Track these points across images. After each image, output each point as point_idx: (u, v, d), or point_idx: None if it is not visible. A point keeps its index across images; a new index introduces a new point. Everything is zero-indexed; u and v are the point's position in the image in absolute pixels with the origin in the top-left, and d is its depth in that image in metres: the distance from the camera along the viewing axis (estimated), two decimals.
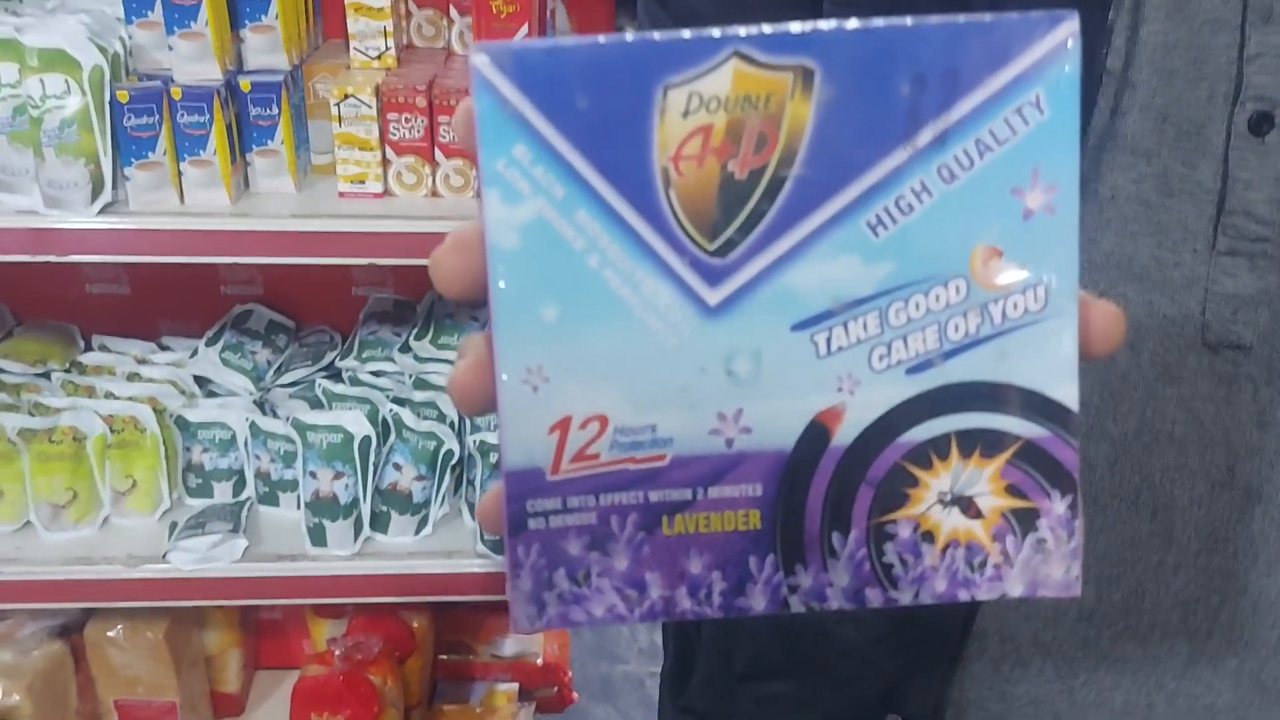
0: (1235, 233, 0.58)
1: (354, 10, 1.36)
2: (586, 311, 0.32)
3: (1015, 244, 0.32)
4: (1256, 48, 0.55)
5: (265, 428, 1.50)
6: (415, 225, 1.32)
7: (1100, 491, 0.62)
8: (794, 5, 0.62)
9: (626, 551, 0.33)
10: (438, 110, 1.32)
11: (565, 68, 0.31)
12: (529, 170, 0.31)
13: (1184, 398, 0.60)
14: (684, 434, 0.33)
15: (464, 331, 1.59)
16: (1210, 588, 0.64)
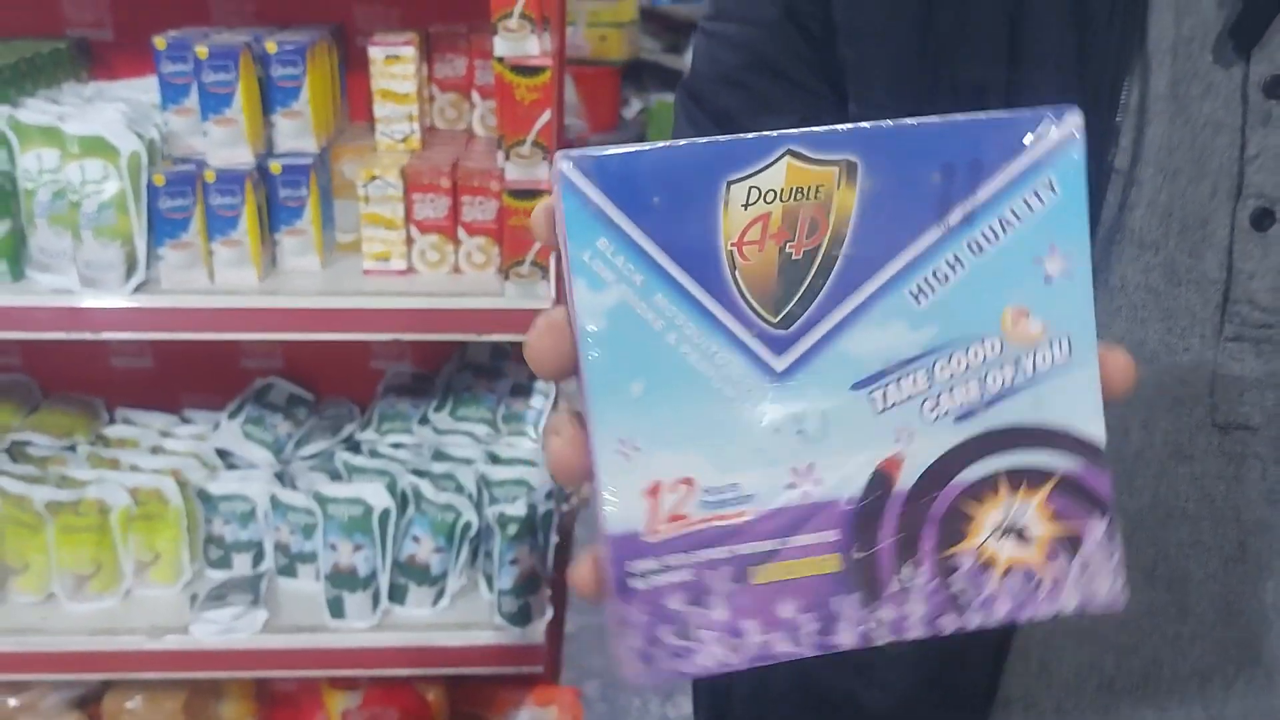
0: (1240, 320, 0.61)
1: (381, 96, 1.42)
2: (669, 384, 0.36)
3: (1040, 305, 0.37)
4: (1256, 149, 0.59)
5: (285, 500, 1.52)
6: (438, 301, 1.36)
7: None
8: (818, 105, 0.67)
9: (723, 603, 0.36)
10: (461, 190, 1.37)
11: (640, 170, 0.35)
12: (611, 260, 0.35)
13: (1195, 475, 0.63)
14: (763, 490, 0.36)
15: (482, 405, 1.62)
16: (1226, 658, 0.66)
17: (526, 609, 1.50)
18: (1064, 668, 0.67)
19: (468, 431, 1.60)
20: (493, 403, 1.63)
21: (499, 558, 1.48)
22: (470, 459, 1.56)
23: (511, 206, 1.31)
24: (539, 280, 1.33)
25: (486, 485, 1.53)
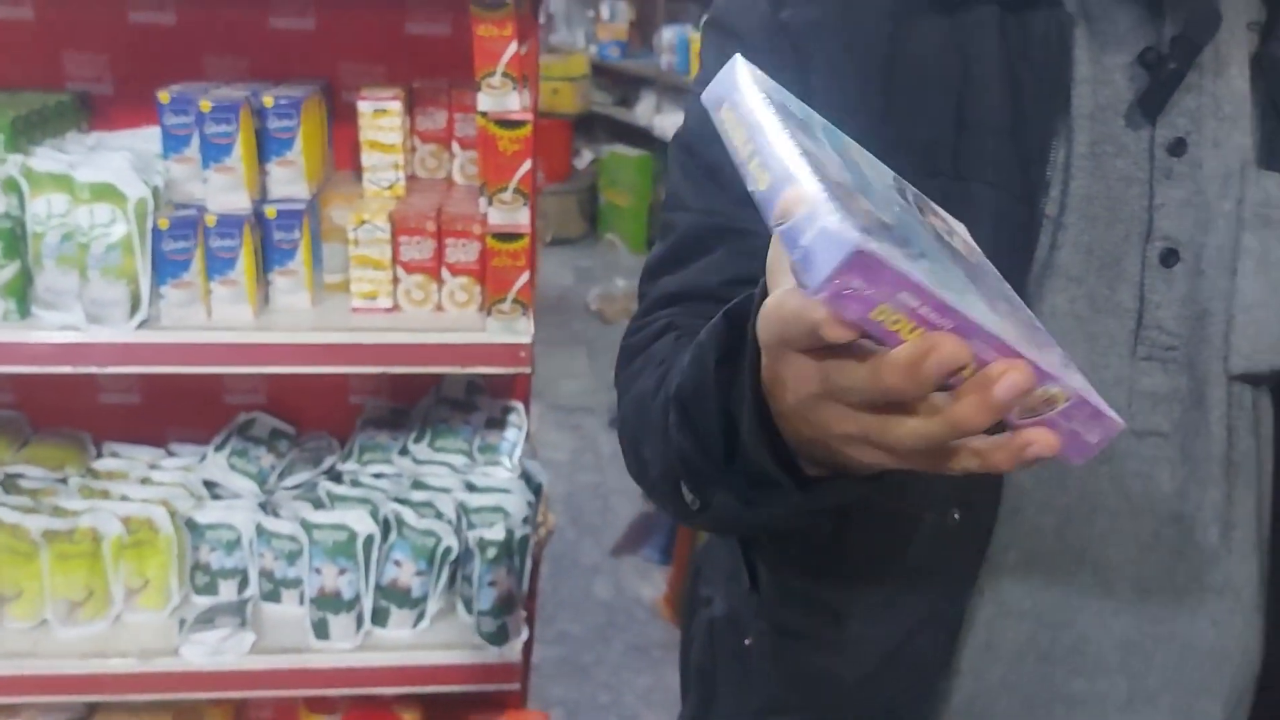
0: (1151, 343, 0.74)
1: (369, 146, 1.52)
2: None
3: None
4: (1162, 199, 0.73)
5: (270, 528, 1.60)
6: (423, 336, 1.46)
7: (1051, 551, 0.76)
8: None
9: None
10: (445, 234, 1.48)
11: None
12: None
13: (1115, 475, 0.75)
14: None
15: (458, 436, 1.72)
16: (1144, 633, 0.78)
17: (504, 629, 1.58)
18: (1007, 643, 0.78)
19: (445, 462, 1.69)
20: (469, 434, 1.72)
21: (478, 580, 1.57)
22: (448, 488, 1.65)
23: (494, 248, 1.42)
24: (519, 316, 1.44)
25: (465, 512, 1.62)
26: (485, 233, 1.44)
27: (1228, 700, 0.80)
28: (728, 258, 0.75)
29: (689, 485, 0.65)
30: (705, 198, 0.77)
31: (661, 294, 0.79)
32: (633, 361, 0.77)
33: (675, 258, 0.79)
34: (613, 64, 6.08)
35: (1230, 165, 0.72)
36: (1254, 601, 0.79)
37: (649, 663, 2.60)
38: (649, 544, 3.07)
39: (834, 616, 0.79)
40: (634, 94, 6.10)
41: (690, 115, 0.81)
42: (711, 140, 0.78)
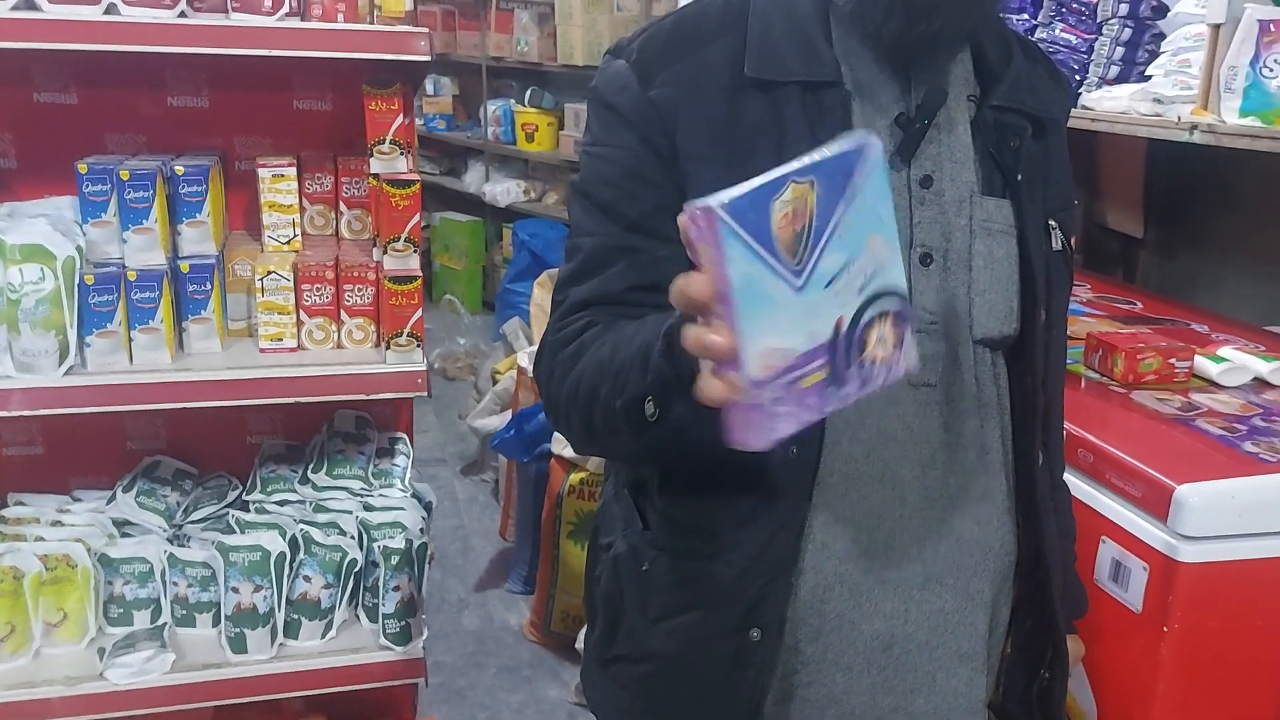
0: (918, 319, 1.04)
1: (268, 207, 1.73)
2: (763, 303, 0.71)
3: (880, 230, 0.76)
4: (918, 218, 1.04)
5: (183, 557, 1.75)
6: (325, 370, 1.66)
7: (861, 473, 1.04)
8: (668, 196, 1.01)
9: (789, 400, 0.73)
10: (343, 280, 1.69)
11: (741, 201, 0.70)
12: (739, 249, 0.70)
13: (900, 415, 1.05)
14: (800, 343, 0.72)
15: (353, 465, 1.91)
16: (931, 531, 1.07)
17: (407, 629, 1.78)
18: (836, 543, 1.05)
19: (344, 487, 1.88)
20: (363, 463, 1.91)
21: (383, 587, 1.76)
22: (349, 509, 1.84)
23: (391, 290, 1.64)
24: (415, 349, 1.66)
25: (366, 528, 1.81)
26: (380, 278, 1.66)
27: (994, 581, 1.11)
28: (626, 270, 1.01)
29: (657, 400, 0.88)
30: (602, 226, 1.03)
31: (575, 301, 1.03)
32: (565, 349, 1.01)
33: (583, 272, 1.03)
34: (440, 135, 6.32)
35: (962, 194, 1.05)
36: (1005, 506, 1.10)
37: (520, 681, 2.80)
38: (511, 577, 3.27)
39: (710, 534, 1.05)
40: (462, 164, 6.35)
41: (585, 169, 1.06)
42: (602, 185, 1.05)
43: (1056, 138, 1.13)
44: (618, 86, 1.03)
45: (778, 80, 1.00)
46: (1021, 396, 1.10)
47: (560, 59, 5.13)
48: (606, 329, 0.98)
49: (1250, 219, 2.41)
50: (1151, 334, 1.89)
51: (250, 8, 1.58)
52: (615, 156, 1.03)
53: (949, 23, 0.96)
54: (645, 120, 1.00)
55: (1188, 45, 2.02)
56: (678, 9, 1.09)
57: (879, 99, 1.02)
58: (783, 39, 1.01)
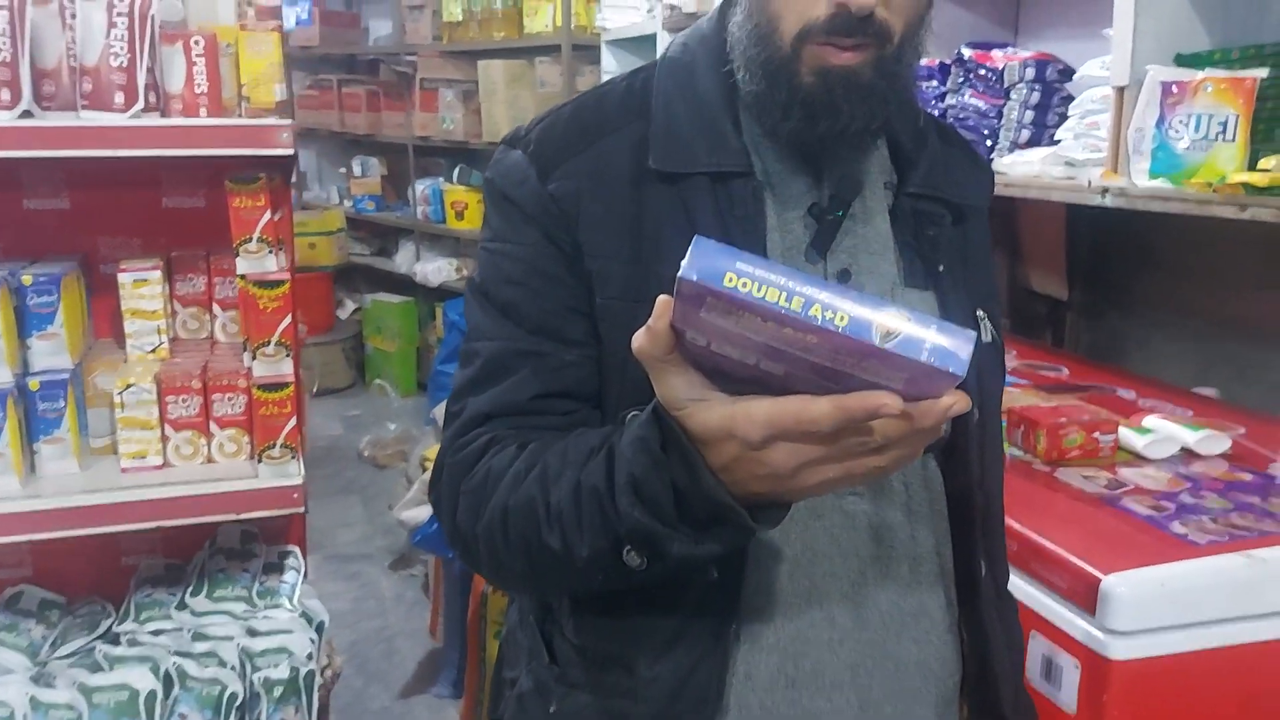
0: None
1: (130, 314, 1.61)
2: None
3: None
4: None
5: (45, 699, 1.59)
6: (194, 489, 1.53)
7: (785, 593, 0.94)
8: (574, 294, 0.92)
9: None
10: (211, 390, 1.57)
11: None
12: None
13: (826, 528, 0.95)
14: None
15: (236, 584, 1.77)
16: (864, 655, 0.96)
17: None
18: (761, 673, 0.94)
19: (225, 610, 1.73)
20: (247, 581, 1.77)
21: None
22: (230, 635, 1.70)
23: (261, 399, 1.52)
24: (290, 460, 1.54)
25: (248, 656, 1.66)
26: (251, 385, 1.54)
27: (937, 706, 1.00)
28: (530, 376, 0.92)
29: (639, 550, 0.79)
30: (503, 329, 0.94)
31: (474, 414, 0.93)
32: (469, 476, 0.90)
33: (481, 379, 0.94)
34: (369, 216, 6.23)
35: (883, 286, 0.96)
36: (945, 622, 1.00)
37: None
38: (439, 680, 3.10)
39: (626, 667, 0.94)
40: (393, 244, 6.26)
41: (483, 266, 0.97)
42: (503, 283, 0.95)
43: (978, 225, 1.06)
44: (516, 179, 0.95)
45: (684, 172, 0.93)
46: (957, 500, 1.00)
47: (486, 136, 5.07)
48: (519, 452, 0.88)
49: (1173, 277, 2.36)
50: (1075, 407, 1.81)
51: (101, 104, 1.47)
52: (516, 253, 0.94)
53: (852, 121, 0.89)
54: (546, 215, 0.93)
55: (1095, 108, 1.98)
56: (577, 96, 1.02)
57: (790, 189, 0.95)
58: (689, 128, 0.94)
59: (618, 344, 0.88)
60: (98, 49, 1.45)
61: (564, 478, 0.83)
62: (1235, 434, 1.77)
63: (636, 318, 0.83)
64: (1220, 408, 1.97)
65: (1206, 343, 2.26)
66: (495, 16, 5.01)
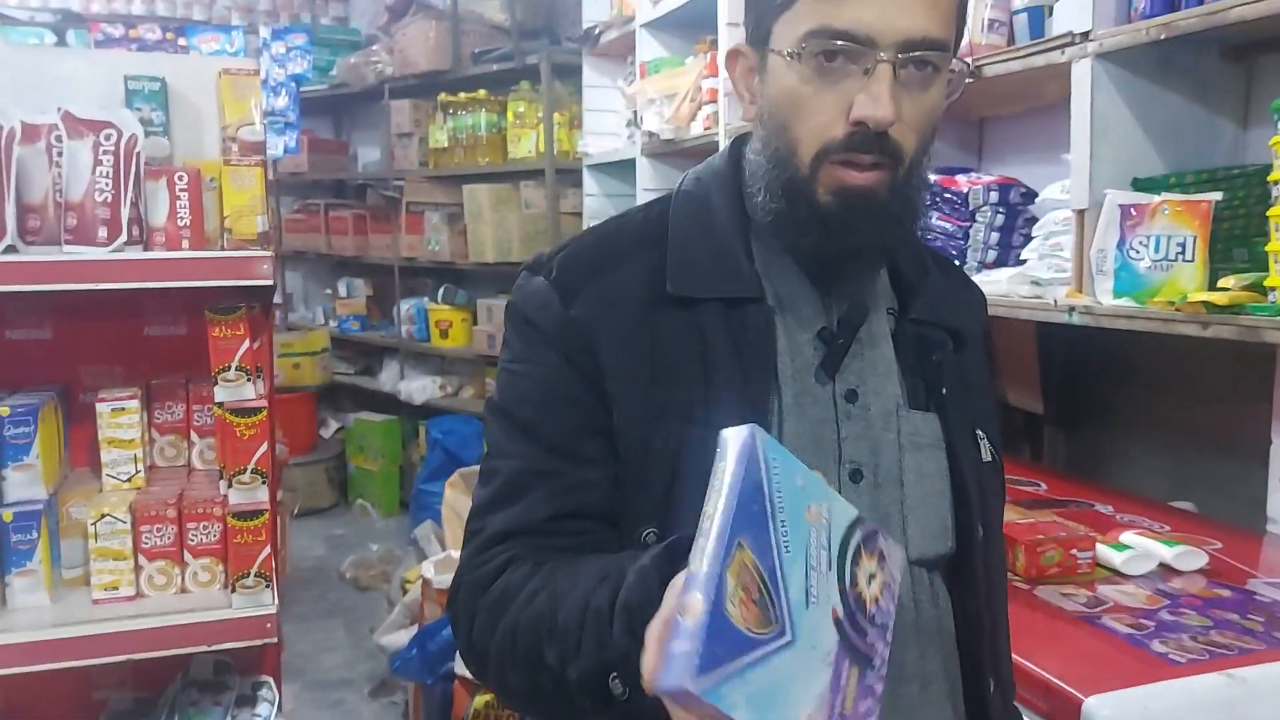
0: None
1: (107, 443, 1.61)
2: None
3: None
4: (846, 433, 0.98)
5: None
6: (167, 620, 1.52)
7: None
8: (592, 415, 0.95)
9: None
10: (186, 519, 1.56)
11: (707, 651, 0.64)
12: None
13: None
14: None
15: (207, 717, 1.73)
16: None
17: None
18: None
19: None
20: (219, 715, 1.74)
21: None
22: None
23: (236, 527, 1.52)
24: (264, 589, 1.53)
25: None
26: (226, 513, 1.54)
27: None
28: (547, 496, 0.94)
29: (624, 678, 0.79)
30: (522, 448, 0.96)
31: (493, 532, 0.95)
32: (487, 593, 0.91)
33: (501, 498, 0.96)
34: (354, 336, 6.27)
35: (889, 407, 1.00)
36: None
37: None
38: None
39: None
40: (377, 363, 6.29)
41: (503, 387, 1.00)
42: (523, 403, 0.98)
43: (975, 349, 1.11)
44: (538, 304, 0.99)
45: (699, 297, 0.97)
46: (965, 620, 1.03)
47: (472, 257, 5.15)
48: (535, 570, 0.90)
49: (1147, 390, 2.39)
50: (1052, 523, 1.82)
51: (85, 239, 1.51)
52: (537, 374, 0.98)
53: (867, 239, 0.94)
54: (567, 339, 0.96)
55: (1058, 229, 2.03)
56: (599, 225, 1.06)
57: (801, 313, 1.00)
58: (703, 256, 0.99)
59: (635, 462, 0.93)
60: (83, 185, 1.49)
61: (571, 597, 0.85)
62: (1212, 548, 1.77)
63: (653, 436, 0.90)
64: (1197, 522, 1.98)
65: (1182, 456, 2.28)
66: (480, 143, 5.15)
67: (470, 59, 5.15)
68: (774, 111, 0.95)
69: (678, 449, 0.93)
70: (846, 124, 0.90)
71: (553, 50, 4.73)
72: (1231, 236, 1.77)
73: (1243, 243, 1.77)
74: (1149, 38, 1.67)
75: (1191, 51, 1.81)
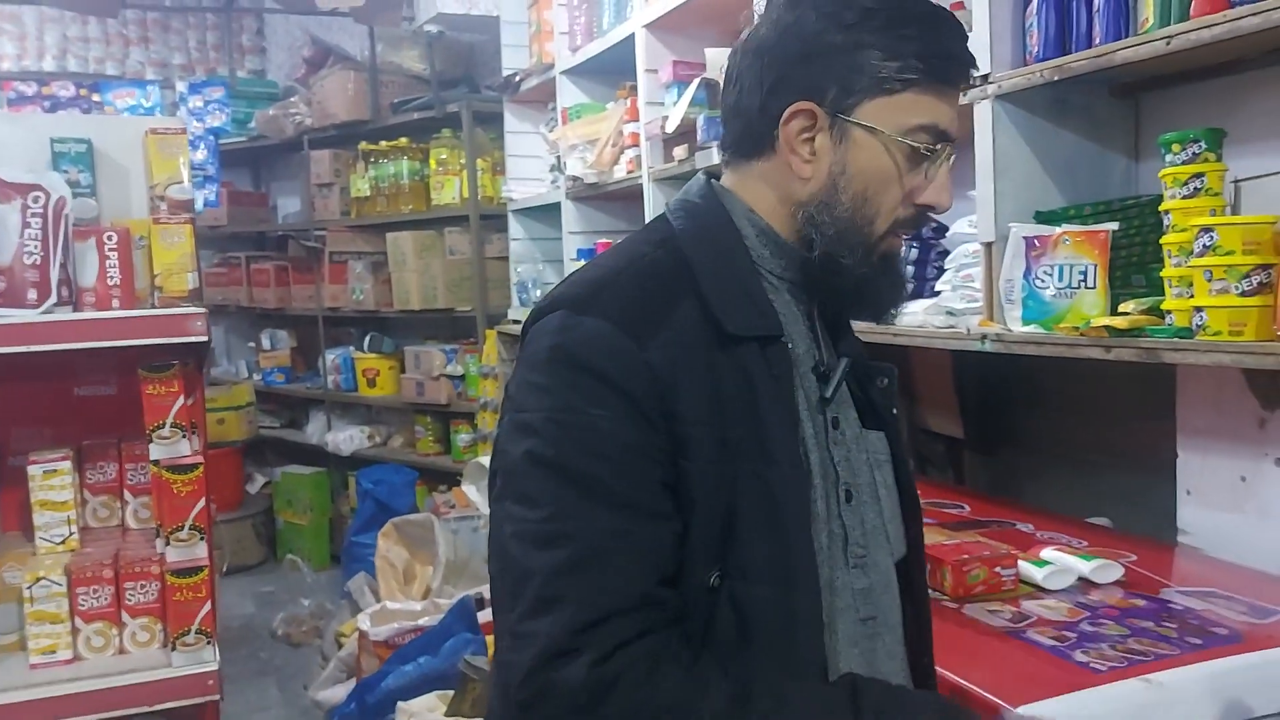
0: (854, 555, 1.06)
1: (40, 506, 1.60)
2: None
3: None
4: (838, 458, 1.07)
5: None
6: (103, 683, 1.51)
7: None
8: (658, 464, 0.95)
9: None
10: (123, 579, 1.56)
11: None
12: None
13: (863, 654, 1.07)
14: None
15: None
16: None
17: None
18: None
19: None
20: None
21: None
22: None
23: (175, 584, 1.51)
24: (205, 646, 1.53)
25: None
26: (164, 571, 1.54)
27: None
28: (634, 564, 0.91)
29: None
30: (592, 507, 0.91)
31: (594, 610, 0.89)
32: (653, 679, 0.88)
33: (580, 565, 0.90)
34: (279, 388, 6.20)
35: (855, 430, 1.10)
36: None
37: None
38: None
39: None
40: (303, 415, 6.21)
41: (549, 437, 0.93)
42: (587, 457, 0.93)
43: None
44: (605, 349, 0.95)
45: (747, 336, 1.02)
46: (916, 620, 1.15)
47: (397, 304, 5.15)
48: (693, 677, 0.90)
49: (1058, 413, 2.50)
50: (976, 543, 1.89)
51: (14, 301, 1.51)
52: (603, 426, 0.93)
53: (882, 285, 1.08)
54: (638, 384, 0.94)
55: (968, 261, 2.12)
56: (614, 266, 1.04)
57: (800, 350, 1.07)
58: (738, 296, 1.03)
59: (703, 505, 0.93)
60: (11, 248, 1.49)
61: None
62: (1127, 561, 1.86)
63: (719, 478, 0.93)
64: (1112, 536, 2.07)
65: (1095, 474, 2.38)
66: (403, 191, 5.16)
67: (390, 109, 5.18)
68: (856, 179, 1.03)
69: (736, 487, 0.95)
70: (916, 206, 1.04)
71: (473, 98, 4.78)
72: (1130, 263, 1.88)
73: (1140, 269, 1.87)
74: (1043, 79, 1.77)
75: (1083, 91, 1.92)
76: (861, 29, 1.00)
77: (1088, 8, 1.73)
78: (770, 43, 1.04)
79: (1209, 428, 1.89)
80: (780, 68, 1.03)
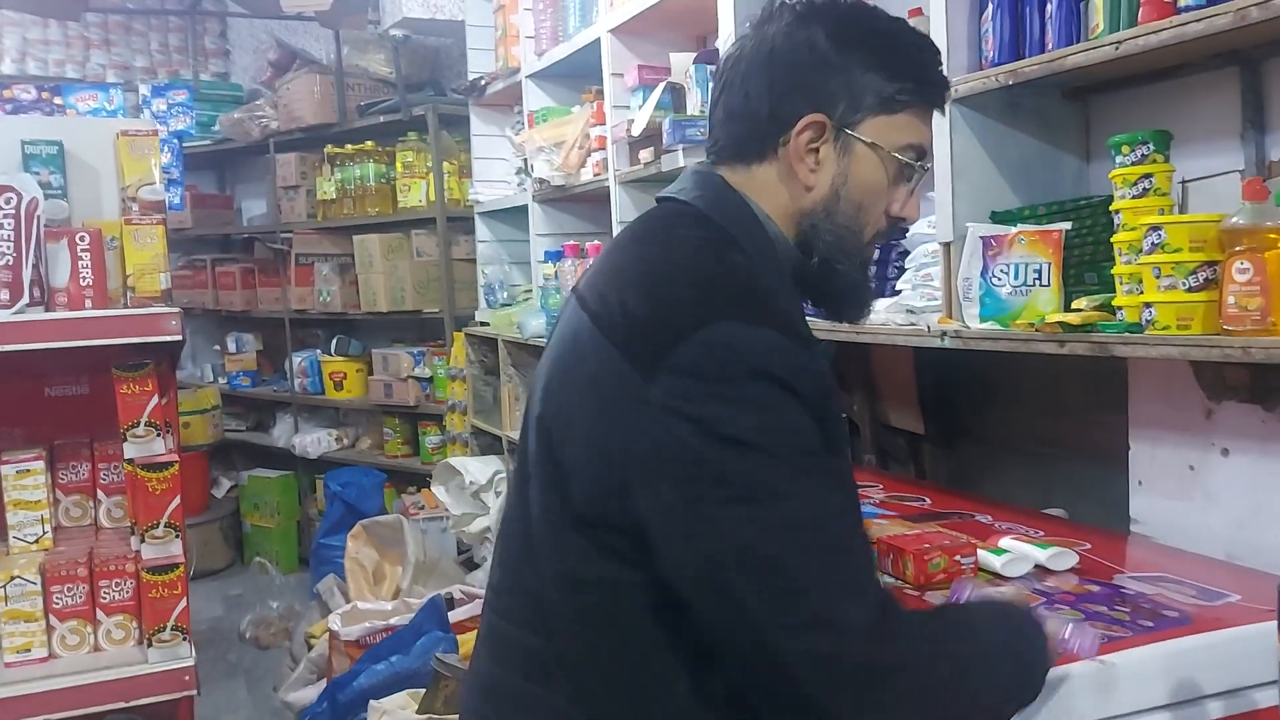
0: None
1: (13, 505, 1.61)
2: None
3: None
4: None
5: None
6: (80, 680, 1.52)
7: None
8: None
9: None
10: (98, 576, 1.57)
11: None
12: None
13: None
14: None
15: None
16: None
17: None
18: None
19: None
20: None
21: None
22: None
23: (150, 581, 1.53)
24: (181, 642, 1.54)
25: None
26: (140, 569, 1.55)
27: None
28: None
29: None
30: (841, 499, 1.01)
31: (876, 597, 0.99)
32: (943, 629, 1.07)
33: (846, 544, 0.99)
34: (245, 392, 6.17)
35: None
36: None
37: None
38: None
39: None
40: (270, 418, 6.20)
41: (768, 446, 0.95)
42: (798, 453, 0.98)
43: None
44: (793, 365, 0.98)
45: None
46: None
47: (364, 307, 5.15)
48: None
49: (1017, 407, 2.56)
50: (937, 533, 1.94)
51: None
52: (802, 426, 0.98)
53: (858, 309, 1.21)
54: (816, 393, 1.00)
55: (927, 261, 2.18)
56: (732, 267, 1.06)
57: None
58: (797, 302, 1.13)
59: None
60: None
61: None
62: (1082, 549, 1.91)
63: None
64: (1067, 526, 2.13)
65: (1050, 467, 2.44)
66: (369, 193, 5.17)
67: (356, 112, 5.18)
68: (855, 190, 1.10)
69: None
70: (891, 219, 1.12)
71: (439, 101, 4.80)
72: (1082, 262, 1.94)
73: (1092, 267, 1.93)
74: (998, 84, 1.83)
75: (1035, 95, 1.98)
76: (868, 50, 1.08)
77: (1041, 14, 1.79)
78: (784, 52, 1.08)
79: (1159, 420, 1.95)
80: (794, 77, 1.08)
